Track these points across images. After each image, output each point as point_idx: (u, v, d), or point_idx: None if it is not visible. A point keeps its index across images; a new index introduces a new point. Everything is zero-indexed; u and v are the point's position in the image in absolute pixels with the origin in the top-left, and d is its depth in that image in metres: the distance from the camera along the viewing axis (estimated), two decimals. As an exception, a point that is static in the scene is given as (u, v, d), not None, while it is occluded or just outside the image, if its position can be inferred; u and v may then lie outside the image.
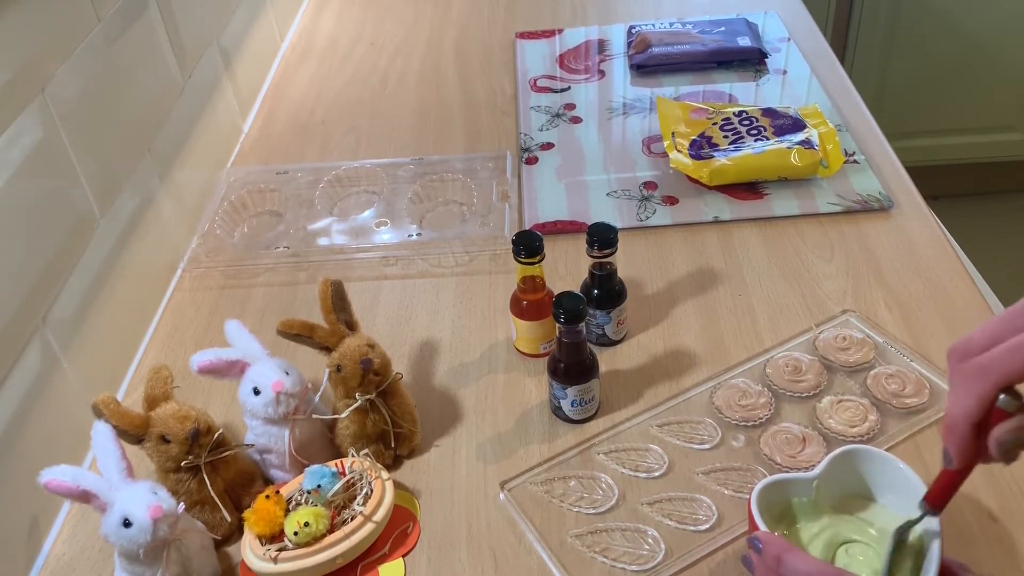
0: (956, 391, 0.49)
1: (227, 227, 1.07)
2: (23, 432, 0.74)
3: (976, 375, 0.48)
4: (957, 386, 0.49)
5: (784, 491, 0.63)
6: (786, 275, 0.94)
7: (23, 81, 0.77)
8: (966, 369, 0.49)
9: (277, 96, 1.39)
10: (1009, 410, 0.48)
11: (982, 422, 0.49)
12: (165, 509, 0.63)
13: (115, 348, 0.90)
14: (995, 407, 0.48)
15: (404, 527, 0.73)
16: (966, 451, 0.50)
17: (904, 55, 2.26)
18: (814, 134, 1.09)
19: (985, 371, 0.48)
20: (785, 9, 1.47)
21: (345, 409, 0.75)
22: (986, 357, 0.48)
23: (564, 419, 0.80)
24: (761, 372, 0.83)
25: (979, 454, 0.50)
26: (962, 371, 0.49)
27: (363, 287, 0.98)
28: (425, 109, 1.31)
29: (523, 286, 0.84)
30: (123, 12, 0.95)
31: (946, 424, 0.50)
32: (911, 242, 0.96)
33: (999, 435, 0.48)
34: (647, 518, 0.71)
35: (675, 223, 1.02)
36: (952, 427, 0.50)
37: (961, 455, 0.51)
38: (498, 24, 1.54)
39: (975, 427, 0.49)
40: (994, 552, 0.66)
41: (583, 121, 1.23)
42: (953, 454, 0.51)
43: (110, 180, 0.91)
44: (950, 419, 0.50)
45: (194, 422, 0.70)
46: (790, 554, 0.54)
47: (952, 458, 0.51)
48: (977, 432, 0.49)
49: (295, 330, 0.75)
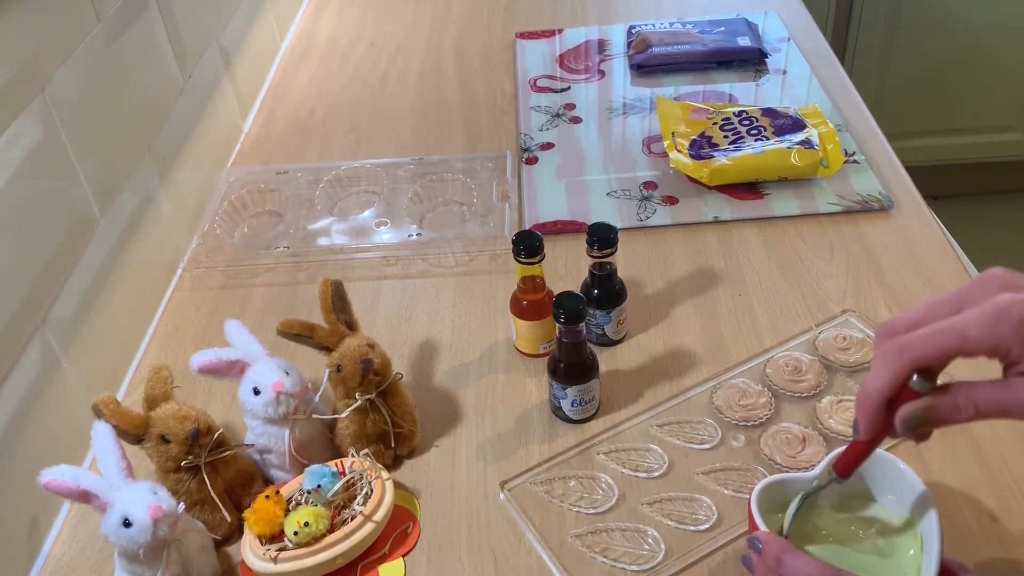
0: (875, 367, 0.51)
1: (227, 227, 1.07)
2: (23, 432, 0.74)
3: (895, 353, 0.50)
4: (877, 362, 0.51)
5: (784, 491, 0.63)
6: (786, 275, 0.94)
7: (23, 81, 0.77)
8: (887, 347, 0.50)
9: (277, 96, 1.39)
10: (920, 391, 0.50)
11: (894, 399, 0.51)
12: (165, 509, 0.63)
13: (115, 348, 0.90)
14: (907, 387, 0.50)
15: (404, 527, 0.73)
16: (874, 424, 0.52)
17: (904, 55, 2.26)
18: (814, 134, 1.09)
19: (903, 350, 0.50)
20: (785, 9, 1.47)
21: (345, 409, 0.75)
22: (906, 337, 0.50)
23: (564, 419, 0.80)
24: (761, 372, 0.83)
25: (887, 429, 0.52)
26: (884, 348, 0.51)
27: (363, 287, 0.98)
28: (425, 109, 1.31)
29: (523, 286, 0.84)
30: (123, 12, 0.95)
31: (861, 396, 0.52)
32: (911, 242, 0.96)
33: (903, 413, 0.50)
34: (647, 518, 0.71)
35: (675, 223, 1.02)
36: (865, 400, 0.52)
37: (869, 428, 0.52)
38: (498, 24, 1.54)
39: (886, 402, 0.51)
40: (994, 552, 0.66)
41: (583, 121, 1.23)
42: (861, 426, 0.53)
43: (110, 180, 0.91)
44: (864, 392, 0.52)
45: (194, 422, 0.70)
46: (790, 555, 0.54)
47: (860, 430, 0.53)
48: (888, 408, 0.51)
49: (295, 330, 0.75)
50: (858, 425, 0.53)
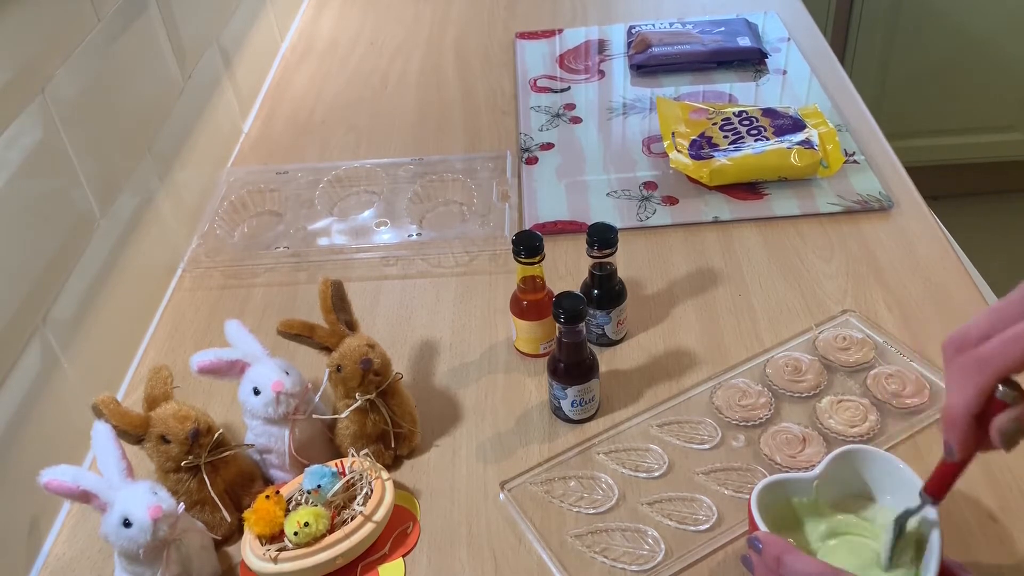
0: (955, 384, 0.50)
1: (227, 227, 1.07)
2: (23, 432, 0.74)
3: (974, 368, 0.49)
4: (956, 379, 0.50)
5: (784, 491, 0.63)
6: (786, 275, 0.94)
7: (23, 81, 0.77)
8: (964, 362, 0.49)
9: (277, 96, 1.39)
10: (1008, 401, 0.49)
11: (981, 413, 0.50)
12: (165, 509, 0.63)
13: (115, 348, 0.90)
14: (994, 398, 0.49)
15: (404, 527, 0.73)
16: (968, 443, 0.51)
17: (904, 55, 2.26)
18: (814, 134, 1.09)
19: (983, 363, 0.49)
20: (785, 9, 1.47)
21: (345, 409, 0.75)
22: (984, 350, 0.49)
23: (564, 419, 0.80)
24: (761, 372, 0.83)
25: (979, 444, 0.51)
26: (960, 364, 0.50)
27: (363, 287, 0.98)
28: (425, 109, 1.31)
29: (523, 286, 0.84)
30: (123, 12, 0.95)
31: (947, 417, 0.51)
32: (911, 242, 0.96)
33: (1001, 424, 0.49)
34: (647, 518, 0.71)
35: (675, 223, 1.02)
36: (953, 420, 0.50)
37: (963, 447, 0.51)
38: (498, 24, 1.54)
39: (975, 419, 0.50)
40: (994, 552, 0.66)
41: (583, 121, 1.23)
42: (955, 446, 0.51)
43: (110, 180, 0.91)
44: (951, 412, 0.50)
45: (194, 422, 0.70)
46: (790, 555, 0.54)
47: (954, 450, 0.51)
48: (977, 423, 0.50)
49: (295, 330, 0.75)
50: (950, 446, 0.51)
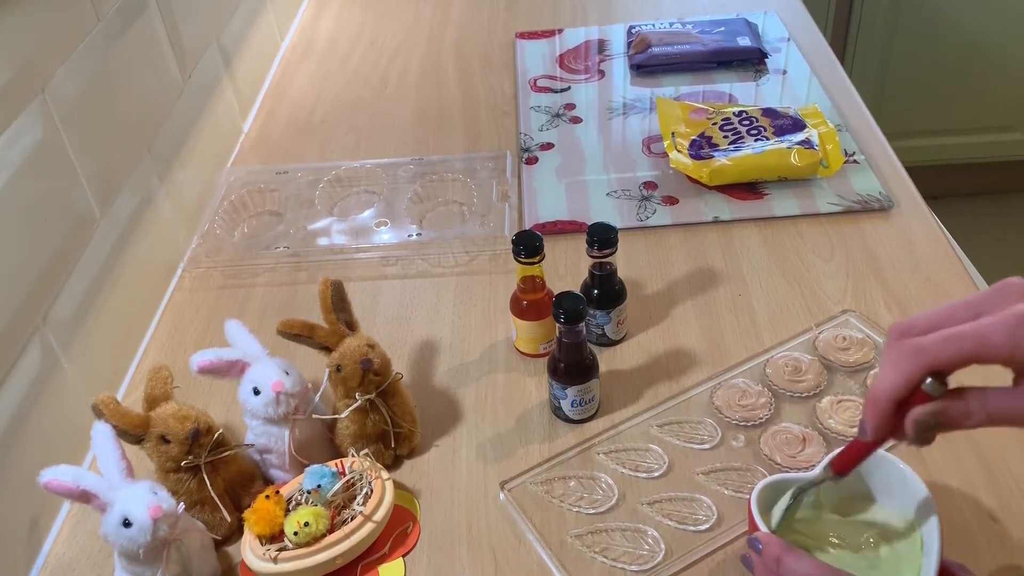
0: (887, 367, 0.50)
1: (227, 227, 1.07)
2: (23, 432, 0.74)
3: (910, 354, 0.49)
4: (890, 362, 0.50)
5: (785, 491, 0.63)
6: (786, 275, 0.94)
7: (23, 81, 0.77)
8: (902, 347, 0.50)
9: (277, 96, 1.39)
10: (933, 394, 0.49)
11: (904, 401, 0.50)
12: (165, 509, 0.63)
13: (115, 348, 0.90)
14: (920, 389, 0.50)
15: (404, 527, 0.73)
16: (883, 425, 0.51)
17: (904, 55, 2.26)
18: (814, 134, 1.09)
19: (919, 352, 0.49)
20: (785, 9, 1.47)
21: (345, 409, 0.75)
22: (923, 339, 0.49)
23: (564, 419, 0.80)
24: (761, 372, 0.83)
25: (894, 430, 0.52)
26: (898, 348, 0.50)
27: (363, 287, 0.98)
28: (425, 109, 1.31)
29: (523, 286, 0.84)
30: (123, 12, 0.95)
31: (870, 396, 0.51)
32: (911, 242, 0.96)
33: (916, 416, 0.50)
34: (647, 518, 0.71)
35: (675, 223, 1.02)
36: (875, 400, 0.51)
37: (877, 428, 0.52)
38: (498, 24, 1.54)
39: (896, 404, 0.50)
40: (994, 552, 0.66)
41: (583, 121, 1.23)
42: (869, 426, 0.52)
43: (110, 180, 0.91)
44: (875, 392, 0.51)
45: (194, 422, 0.70)
46: (790, 555, 0.54)
47: (868, 430, 0.52)
48: (897, 409, 0.51)
49: (295, 330, 0.75)
50: (865, 425, 0.52)
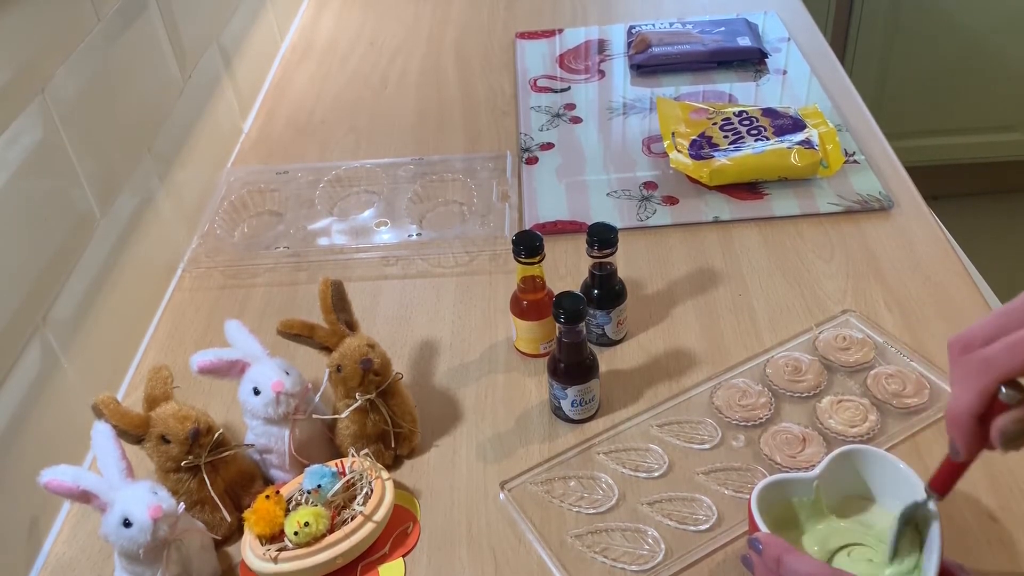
0: (959, 384, 0.50)
1: (227, 227, 1.07)
2: (23, 432, 0.74)
3: (978, 369, 0.49)
4: (960, 379, 0.50)
5: (784, 491, 0.63)
6: (786, 275, 0.94)
7: (23, 81, 0.77)
8: (969, 363, 0.50)
9: (277, 96, 1.39)
10: (1011, 403, 0.49)
11: (984, 413, 0.50)
12: (165, 509, 0.63)
13: (115, 348, 0.90)
14: (996, 400, 0.49)
15: (404, 527, 0.73)
16: (971, 442, 0.51)
17: (904, 55, 2.26)
18: (814, 134, 1.09)
19: (988, 365, 0.49)
20: (785, 9, 1.47)
21: (345, 409, 0.75)
22: (988, 351, 0.49)
23: (564, 419, 0.80)
24: (761, 372, 0.83)
25: (984, 442, 0.51)
26: (965, 364, 0.50)
27: (363, 287, 0.98)
28: (425, 109, 1.31)
29: (523, 286, 0.84)
30: (123, 12, 0.95)
31: (950, 417, 0.51)
32: (911, 242, 0.96)
33: (1002, 425, 0.49)
34: (647, 518, 0.71)
35: (675, 223, 1.02)
36: (957, 420, 0.51)
37: (967, 446, 0.52)
38: (498, 24, 1.54)
39: (978, 419, 0.50)
40: (994, 552, 0.66)
41: (583, 121, 1.23)
42: (960, 446, 0.52)
43: (110, 180, 0.91)
44: (954, 412, 0.51)
45: (194, 422, 0.70)
46: (790, 555, 0.54)
47: (959, 450, 0.52)
48: (979, 423, 0.50)
49: (295, 330, 0.75)
50: (955, 446, 0.52)
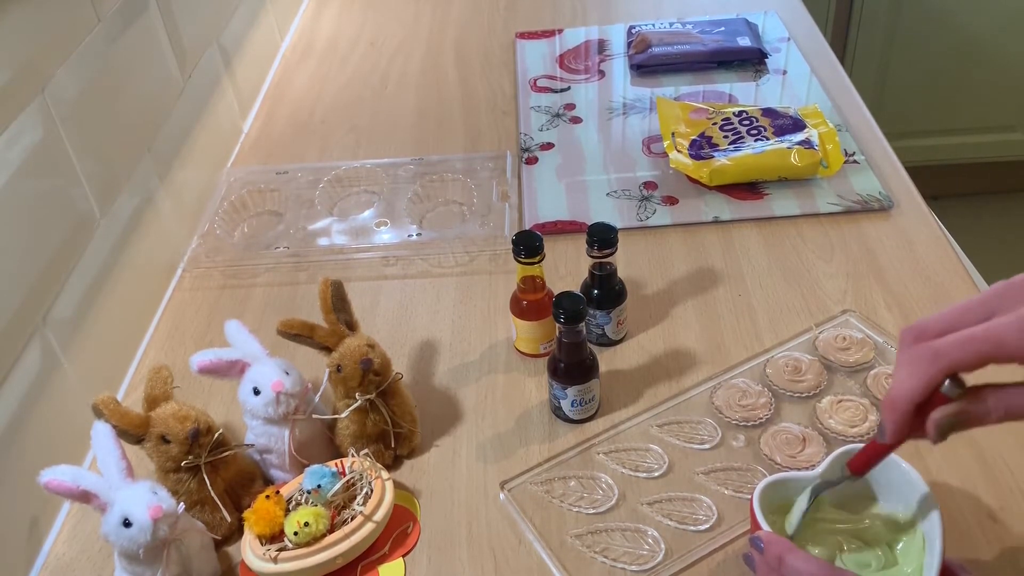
0: (904, 370, 0.51)
1: (227, 227, 1.07)
2: (23, 432, 0.74)
3: (927, 358, 0.49)
4: (906, 366, 0.51)
5: (786, 490, 0.63)
6: (786, 275, 0.94)
7: (23, 81, 0.77)
8: (919, 351, 0.50)
9: (277, 96, 1.39)
10: (951, 396, 0.50)
11: (923, 403, 0.51)
12: (165, 509, 0.63)
13: (115, 348, 0.90)
14: (938, 392, 0.50)
15: (404, 527, 0.73)
16: (902, 428, 0.52)
17: (904, 55, 2.26)
18: (814, 134, 1.09)
19: (937, 356, 0.49)
20: (785, 9, 1.47)
21: (345, 409, 0.75)
22: (940, 343, 0.49)
23: (564, 419, 0.80)
24: (761, 372, 0.83)
25: (912, 432, 0.52)
26: (914, 352, 0.50)
27: (363, 287, 0.98)
28: (425, 109, 1.31)
29: (523, 286, 0.84)
30: (123, 12, 0.95)
31: (888, 400, 0.52)
32: (911, 242, 0.96)
33: (939, 418, 0.50)
34: (647, 518, 0.71)
35: (675, 223, 1.02)
36: (894, 404, 0.51)
37: (896, 431, 0.52)
38: (498, 24, 1.54)
39: (916, 407, 0.51)
40: (994, 552, 0.66)
41: (583, 121, 1.23)
42: (889, 429, 0.52)
43: (110, 180, 0.91)
44: (893, 396, 0.51)
45: (194, 422, 0.70)
46: (792, 554, 0.54)
47: (887, 432, 0.53)
48: (916, 412, 0.51)
49: (295, 330, 0.75)
50: (884, 428, 0.53)
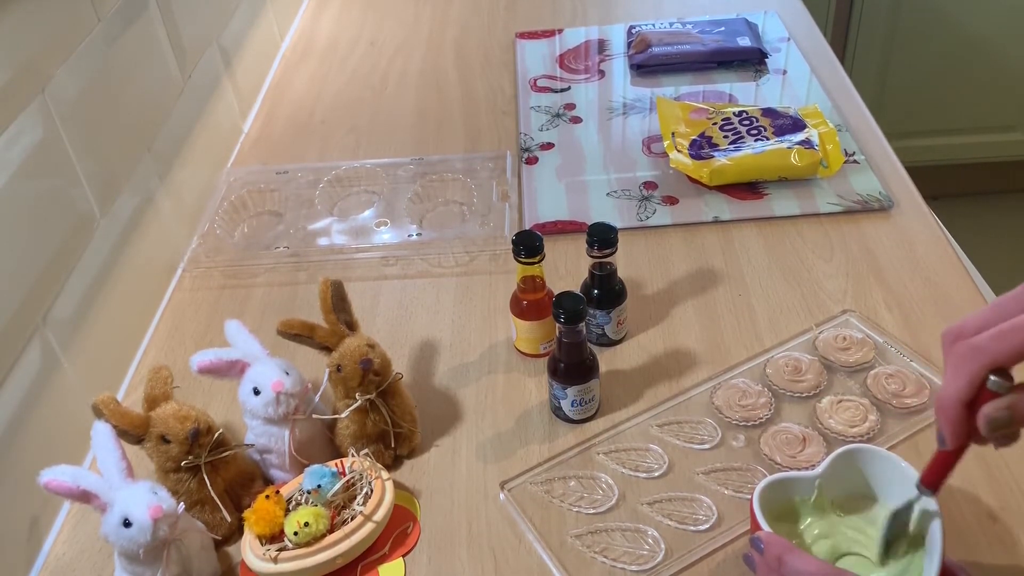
0: (949, 372, 0.50)
1: (227, 227, 1.07)
2: (23, 432, 0.74)
3: (968, 356, 0.49)
4: (950, 367, 0.50)
5: (786, 490, 0.63)
6: (786, 275, 0.94)
7: (23, 81, 0.77)
8: (958, 350, 0.50)
9: (277, 96, 1.39)
10: (999, 391, 0.49)
11: (973, 402, 0.50)
12: (165, 509, 0.63)
13: (115, 348, 0.90)
14: (985, 388, 0.49)
15: (404, 527, 0.73)
16: (958, 431, 0.51)
17: (904, 55, 2.26)
18: (814, 134, 1.09)
19: (977, 352, 0.49)
20: (785, 9, 1.47)
21: (345, 409, 0.75)
22: (978, 339, 0.49)
23: (564, 419, 0.80)
24: (761, 372, 0.83)
25: (971, 434, 0.51)
26: (955, 352, 0.50)
27: (363, 287, 0.98)
28: (425, 109, 1.31)
29: (523, 286, 0.84)
30: (123, 12, 0.95)
31: (939, 403, 0.51)
32: (911, 242, 0.96)
33: (988, 412, 0.49)
34: (647, 518, 0.71)
35: (675, 223, 1.02)
36: (944, 407, 0.51)
37: (954, 435, 0.51)
38: (498, 24, 1.54)
39: (966, 407, 0.50)
40: (994, 552, 0.66)
41: (583, 121, 1.23)
42: (946, 434, 0.52)
43: (110, 180, 0.90)
44: (942, 399, 0.51)
45: (194, 422, 0.70)
46: (792, 555, 0.54)
47: (945, 438, 0.52)
48: (968, 412, 0.50)
49: (295, 330, 0.75)
50: (942, 435, 0.52)
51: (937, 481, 0.56)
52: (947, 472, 0.55)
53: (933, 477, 0.56)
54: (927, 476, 0.56)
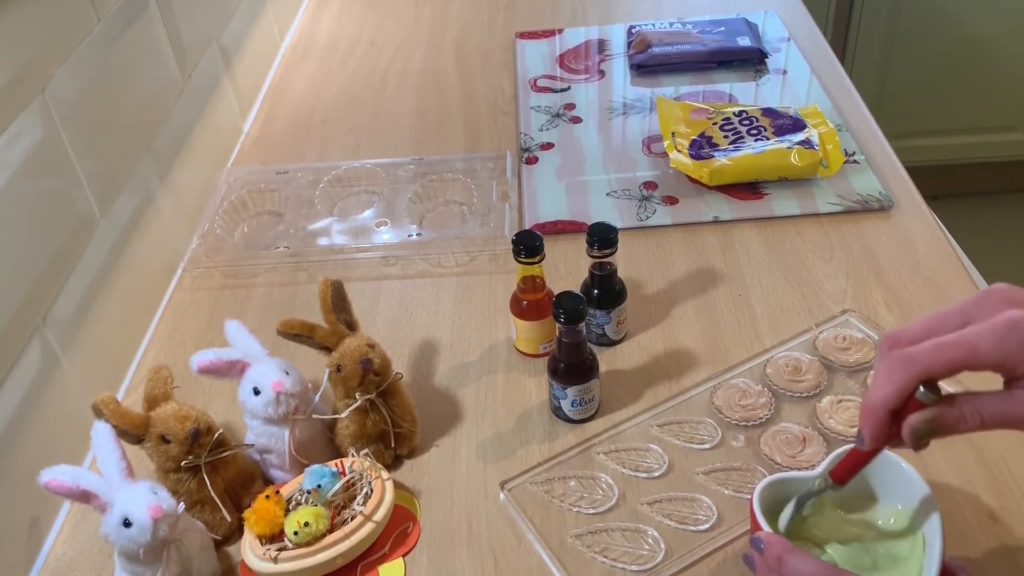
0: (880, 377, 0.51)
1: (227, 227, 1.07)
2: (23, 432, 0.74)
3: (901, 364, 0.50)
4: (882, 372, 0.51)
5: (786, 490, 0.63)
6: (786, 275, 0.94)
7: (23, 81, 0.77)
8: (893, 357, 0.51)
9: (277, 96, 1.39)
10: (926, 402, 0.50)
11: (899, 409, 0.51)
12: (165, 509, 0.63)
13: (115, 348, 0.90)
14: (913, 397, 0.50)
15: (404, 527, 0.73)
16: (879, 435, 0.52)
17: (904, 55, 2.26)
18: (814, 134, 1.09)
19: (910, 362, 0.50)
20: (785, 9, 1.47)
21: (345, 409, 0.75)
22: (914, 349, 0.50)
23: (564, 419, 0.80)
24: (761, 372, 0.83)
25: (890, 438, 0.53)
26: (889, 359, 0.51)
27: (363, 287, 0.98)
28: (425, 109, 1.31)
29: (523, 286, 0.84)
30: (123, 12, 0.95)
31: (866, 406, 0.52)
32: (911, 242, 0.96)
33: (912, 424, 0.51)
34: (647, 518, 0.71)
35: (675, 223, 1.02)
36: (870, 410, 0.52)
37: (874, 438, 0.52)
38: (498, 24, 1.54)
39: (892, 413, 0.51)
40: (994, 552, 0.66)
41: (583, 121, 1.23)
42: (867, 436, 0.53)
43: (110, 180, 0.91)
44: (869, 402, 0.52)
45: (194, 422, 0.70)
46: (792, 555, 0.54)
47: (865, 439, 0.53)
48: (893, 418, 0.51)
49: (295, 330, 0.75)
50: (862, 435, 0.53)
51: (847, 477, 0.58)
52: (858, 469, 0.57)
53: (844, 472, 0.58)
54: (837, 471, 0.58)
